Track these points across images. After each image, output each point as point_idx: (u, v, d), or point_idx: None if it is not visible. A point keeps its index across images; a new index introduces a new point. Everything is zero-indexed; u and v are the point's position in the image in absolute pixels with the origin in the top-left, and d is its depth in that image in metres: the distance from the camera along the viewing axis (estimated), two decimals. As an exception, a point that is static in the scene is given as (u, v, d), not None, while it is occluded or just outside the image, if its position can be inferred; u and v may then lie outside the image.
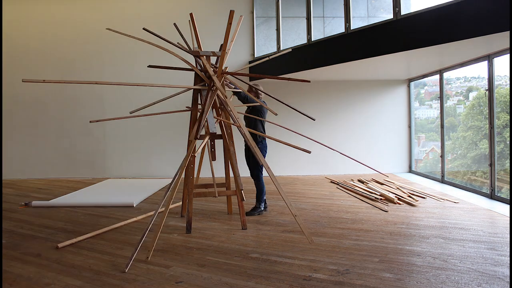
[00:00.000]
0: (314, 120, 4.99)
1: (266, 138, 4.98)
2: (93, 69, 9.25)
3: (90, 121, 5.67)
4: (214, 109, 5.09)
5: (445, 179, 7.83)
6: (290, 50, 6.07)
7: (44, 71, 9.24)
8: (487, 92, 6.34)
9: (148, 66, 4.71)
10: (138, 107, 4.73)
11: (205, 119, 4.47)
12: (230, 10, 4.01)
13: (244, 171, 6.66)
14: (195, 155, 4.86)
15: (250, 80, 8.93)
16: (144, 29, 4.71)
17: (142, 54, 9.01)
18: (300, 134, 5.18)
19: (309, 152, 4.29)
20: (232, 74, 4.98)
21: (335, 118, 9.38)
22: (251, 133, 4.89)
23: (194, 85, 4.98)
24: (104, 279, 3.21)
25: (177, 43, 5.20)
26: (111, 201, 6.18)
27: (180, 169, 4.01)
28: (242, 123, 4.45)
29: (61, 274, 3.33)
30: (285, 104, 4.72)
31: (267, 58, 5.70)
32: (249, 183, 7.53)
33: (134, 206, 6.01)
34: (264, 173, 4.58)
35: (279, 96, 4.99)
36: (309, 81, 4.83)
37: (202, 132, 5.00)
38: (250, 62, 9.14)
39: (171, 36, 6.14)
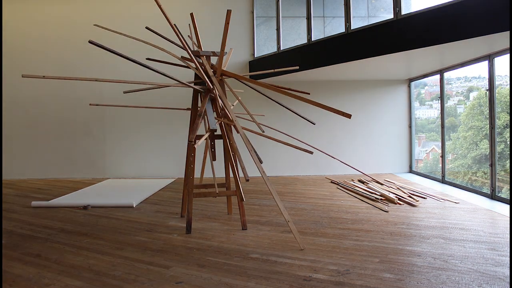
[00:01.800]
0: (314, 124, 5.03)
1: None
2: (93, 69, 9.24)
3: (90, 104, 5.71)
4: (215, 111, 5.08)
5: (446, 179, 7.83)
6: (297, 67, 6.02)
7: (44, 71, 9.23)
8: (487, 92, 6.33)
9: (146, 59, 4.68)
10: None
11: (205, 117, 4.48)
12: (227, 10, 4.01)
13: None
14: (197, 143, 4.86)
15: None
16: (147, 28, 4.69)
17: (142, 53, 9.00)
18: (293, 138, 5.23)
19: (311, 152, 4.30)
20: (230, 76, 4.97)
21: (336, 118, 9.34)
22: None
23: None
24: (104, 279, 3.20)
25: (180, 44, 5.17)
26: (111, 201, 6.17)
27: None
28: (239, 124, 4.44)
29: (61, 274, 3.33)
30: (287, 108, 4.74)
31: (271, 70, 5.73)
32: (249, 182, 7.54)
33: (134, 206, 6.00)
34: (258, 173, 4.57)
35: (280, 97, 4.99)
36: (308, 93, 4.90)
37: (203, 131, 5.01)
38: (250, 62, 9.14)
39: (172, 35, 6.13)
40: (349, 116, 4.04)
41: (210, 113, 4.52)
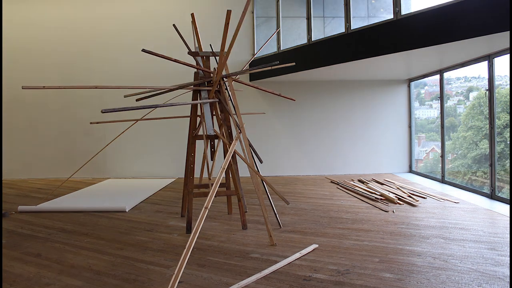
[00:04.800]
0: (294, 100, 5.15)
1: None
2: (94, 70, 9.24)
3: (91, 123, 5.69)
4: (215, 115, 5.08)
5: (446, 179, 7.83)
6: (294, 64, 6.05)
7: (45, 71, 9.24)
8: (487, 92, 6.33)
9: (142, 50, 4.59)
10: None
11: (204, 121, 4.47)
12: (227, 10, 3.99)
13: (243, 171, 6.64)
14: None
15: (250, 80, 8.94)
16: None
17: (143, 53, 9.01)
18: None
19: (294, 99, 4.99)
20: (229, 78, 4.97)
21: (335, 118, 9.38)
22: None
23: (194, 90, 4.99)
24: (105, 279, 3.21)
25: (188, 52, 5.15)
26: (103, 205, 5.90)
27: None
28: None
29: (61, 274, 3.33)
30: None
31: (269, 68, 5.71)
32: (249, 183, 7.54)
33: (127, 211, 5.75)
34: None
35: (279, 97, 4.99)
36: (294, 100, 5.24)
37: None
38: (250, 63, 9.14)
39: (171, 35, 6.13)
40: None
41: (208, 118, 4.48)
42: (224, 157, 5.25)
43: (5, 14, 9.02)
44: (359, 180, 8.10)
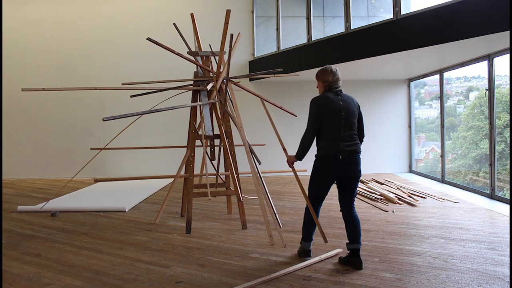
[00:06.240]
0: (296, 116, 5.16)
1: None
2: (94, 69, 9.24)
3: (91, 149, 5.71)
4: (214, 113, 5.08)
5: (445, 179, 7.83)
6: (298, 75, 6.07)
7: (44, 71, 9.24)
8: (487, 92, 6.33)
9: (147, 39, 4.61)
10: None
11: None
12: (227, 10, 3.99)
13: (243, 169, 6.63)
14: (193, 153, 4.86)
15: (250, 80, 8.94)
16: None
17: (143, 53, 9.02)
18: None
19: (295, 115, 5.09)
20: (231, 81, 4.98)
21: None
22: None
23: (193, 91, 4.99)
24: (104, 279, 3.21)
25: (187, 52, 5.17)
26: (102, 205, 5.91)
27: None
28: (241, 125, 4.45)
29: (61, 273, 3.34)
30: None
31: (272, 76, 5.73)
32: (249, 182, 7.53)
33: (127, 211, 5.74)
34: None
35: (279, 98, 5.00)
36: (295, 116, 5.31)
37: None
38: (250, 62, 9.14)
39: (171, 35, 6.13)
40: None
41: (207, 118, 4.48)
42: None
43: (5, 14, 9.01)
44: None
